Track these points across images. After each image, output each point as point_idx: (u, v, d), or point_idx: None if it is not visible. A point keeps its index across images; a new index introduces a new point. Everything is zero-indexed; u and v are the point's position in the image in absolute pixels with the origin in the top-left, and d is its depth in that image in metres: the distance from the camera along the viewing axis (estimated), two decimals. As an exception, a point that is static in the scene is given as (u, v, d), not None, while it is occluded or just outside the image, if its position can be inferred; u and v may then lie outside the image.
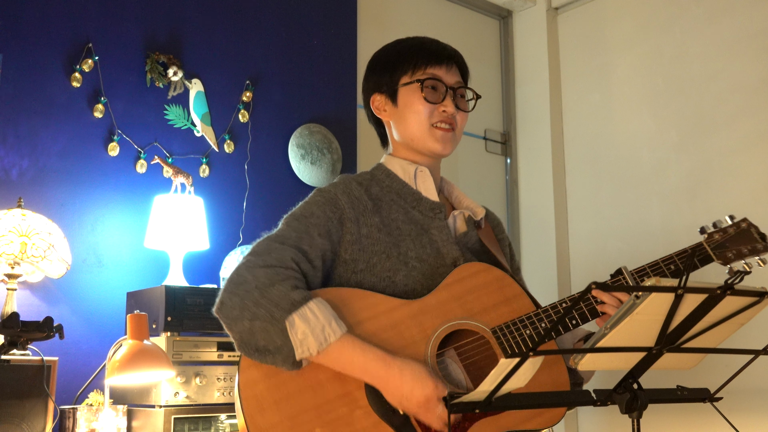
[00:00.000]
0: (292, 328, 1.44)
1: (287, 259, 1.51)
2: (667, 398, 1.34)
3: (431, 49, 1.75)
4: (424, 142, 1.72)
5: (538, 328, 1.57)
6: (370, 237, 1.62)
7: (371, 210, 1.65)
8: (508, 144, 4.11)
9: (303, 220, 1.59)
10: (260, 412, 1.47)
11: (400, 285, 1.60)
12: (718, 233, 1.65)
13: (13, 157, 2.55)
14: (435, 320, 1.56)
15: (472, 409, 1.25)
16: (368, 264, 1.60)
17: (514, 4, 4.13)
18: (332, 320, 1.47)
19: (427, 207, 1.71)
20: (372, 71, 1.80)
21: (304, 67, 3.30)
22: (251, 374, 1.49)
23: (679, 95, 3.51)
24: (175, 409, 2.25)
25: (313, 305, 1.47)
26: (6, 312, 2.28)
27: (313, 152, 3.22)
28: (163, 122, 2.89)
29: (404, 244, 1.64)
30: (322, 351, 1.46)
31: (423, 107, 1.70)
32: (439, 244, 1.67)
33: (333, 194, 1.64)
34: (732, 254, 1.62)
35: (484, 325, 1.58)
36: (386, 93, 1.76)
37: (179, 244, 2.64)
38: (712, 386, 1.37)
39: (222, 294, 1.50)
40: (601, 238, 3.72)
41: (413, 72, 1.72)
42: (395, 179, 1.74)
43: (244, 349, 1.48)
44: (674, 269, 1.62)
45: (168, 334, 2.31)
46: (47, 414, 2.17)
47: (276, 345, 1.45)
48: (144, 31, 2.88)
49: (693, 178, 3.41)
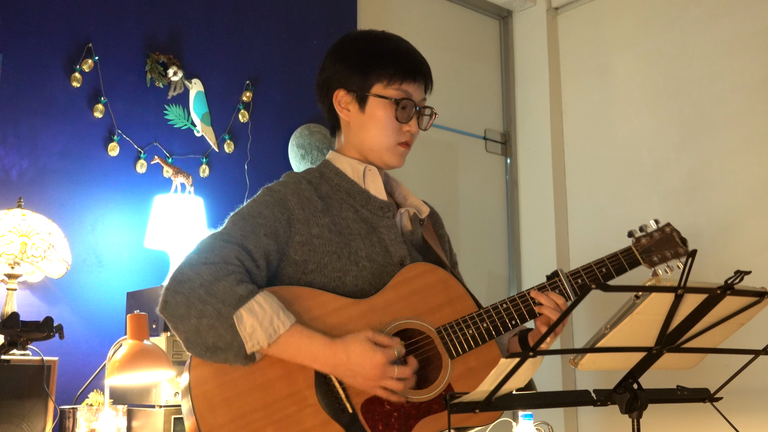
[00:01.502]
0: (241, 323, 1.45)
1: (231, 257, 1.51)
2: (667, 398, 1.34)
3: (409, 62, 1.72)
4: (381, 156, 1.73)
5: (480, 328, 1.61)
6: (321, 237, 1.63)
7: (321, 210, 1.66)
8: (508, 144, 4.11)
9: (250, 219, 1.60)
10: (210, 410, 1.48)
11: (349, 285, 1.62)
12: (645, 238, 1.73)
13: (13, 157, 2.55)
14: (383, 319, 1.59)
15: (473, 409, 1.26)
16: (319, 264, 1.61)
17: (514, 4, 4.13)
18: (280, 311, 1.48)
19: (376, 206, 1.72)
20: (341, 62, 1.75)
21: (304, 67, 3.29)
22: (201, 372, 1.50)
23: (679, 95, 3.51)
24: (175, 409, 2.24)
25: (260, 298, 1.48)
26: (6, 312, 2.28)
27: (313, 152, 3.22)
28: (163, 122, 2.89)
29: (354, 244, 1.65)
30: (272, 343, 1.47)
31: (390, 127, 1.70)
32: (387, 242, 1.68)
33: (282, 194, 1.64)
34: (657, 258, 1.71)
35: (429, 325, 1.61)
36: (354, 94, 1.73)
37: (179, 244, 2.64)
38: (712, 386, 1.37)
39: (165, 293, 1.50)
40: (601, 238, 3.72)
41: (389, 83, 1.70)
42: (344, 178, 1.74)
43: (192, 348, 1.48)
44: (605, 272, 1.69)
45: (168, 334, 2.31)
46: (47, 414, 2.17)
47: (226, 341, 1.45)
48: (144, 31, 2.88)
49: (693, 178, 3.41)
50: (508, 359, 1.17)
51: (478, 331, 1.61)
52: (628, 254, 1.71)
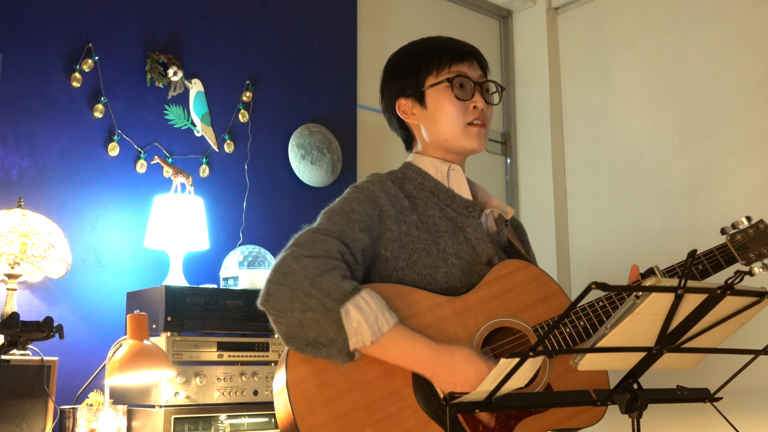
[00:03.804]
0: (347, 317, 1.42)
1: (333, 250, 1.49)
2: (667, 398, 1.34)
3: (452, 47, 1.73)
4: (459, 141, 1.71)
5: (577, 327, 1.58)
6: (410, 234, 1.61)
7: (408, 208, 1.65)
8: (508, 144, 4.11)
9: (344, 215, 1.57)
10: (310, 410, 1.44)
11: (440, 282, 1.60)
12: (739, 234, 1.69)
13: (13, 157, 2.55)
14: (478, 317, 1.57)
15: (473, 410, 1.25)
16: (409, 261, 1.60)
17: (514, 4, 4.13)
18: (384, 310, 1.46)
19: (461, 205, 1.70)
20: (392, 76, 1.77)
21: (304, 67, 3.30)
22: (299, 371, 1.47)
23: (679, 95, 3.51)
24: (175, 409, 2.25)
25: (366, 294, 1.46)
26: (6, 312, 2.28)
27: (313, 152, 3.22)
28: (163, 122, 2.89)
29: (442, 241, 1.63)
30: (375, 341, 1.44)
31: (454, 107, 1.69)
32: (474, 242, 1.67)
33: (371, 191, 1.63)
34: (754, 255, 1.67)
35: (524, 323, 1.59)
36: (412, 96, 1.73)
37: (179, 244, 2.64)
38: (712, 386, 1.37)
39: (268, 285, 1.46)
40: (601, 238, 3.72)
41: (438, 72, 1.70)
42: (427, 177, 1.72)
43: (293, 343, 1.45)
44: (702, 269, 1.66)
45: (168, 334, 2.32)
46: (47, 414, 2.17)
47: (328, 337, 1.43)
48: (144, 31, 2.88)
49: (693, 178, 3.41)
50: (508, 359, 1.17)
51: (576, 330, 1.58)
52: (724, 251, 1.68)
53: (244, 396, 2.39)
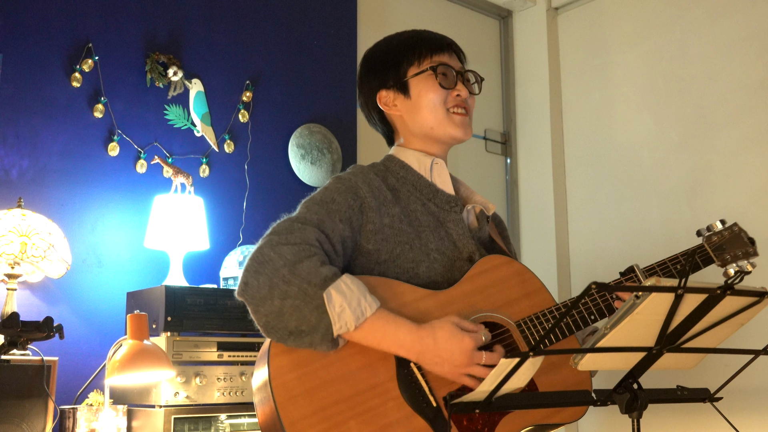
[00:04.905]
0: (330, 303, 1.41)
1: (311, 238, 1.48)
2: (667, 398, 1.34)
3: (432, 38, 1.74)
4: (444, 128, 1.71)
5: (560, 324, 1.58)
6: (393, 227, 1.61)
7: (391, 200, 1.64)
8: (508, 144, 4.11)
9: (324, 205, 1.57)
10: (292, 401, 1.43)
11: (423, 277, 1.59)
12: (715, 236, 1.71)
13: (13, 157, 2.55)
14: (462, 311, 1.56)
15: (473, 410, 1.25)
16: (391, 255, 1.59)
17: (514, 4, 4.13)
18: (366, 293, 1.46)
19: (444, 200, 1.70)
20: (371, 69, 1.77)
21: (304, 67, 3.30)
22: (281, 362, 1.45)
23: (679, 95, 3.51)
24: (175, 409, 2.25)
25: (347, 279, 1.45)
26: (6, 312, 2.28)
27: (313, 152, 3.22)
28: (163, 122, 2.89)
29: (424, 236, 1.63)
30: (359, 325, 1.44)
31: (438, 95, 1.69)
32: (455, 237, 1.66)
33: (353, 182, 1.62)
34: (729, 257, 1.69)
35: (507, 318, 1.59)
36: (394, 87, 1.73)
37: (179, 244, 2.64)
38: (712, 386, 1.37)
39: (245, 275, 1.45)
40: (601, 238, 3.72)
41: (420, 62, 1.71)
42: (410, 171, 1.72)
43: (274, 333, 1.44)
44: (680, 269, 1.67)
45: (168, 334, 2.31)
46: (47, 414, 2.17)
47: (310, 324, 1.42)
48: (144, 31, 2.88)
49: (693, 178, 3.41)
50: (508, 359, 1.17)
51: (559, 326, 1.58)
52: (701, 251, 1.69)
53: (244, 396, 2.39)
